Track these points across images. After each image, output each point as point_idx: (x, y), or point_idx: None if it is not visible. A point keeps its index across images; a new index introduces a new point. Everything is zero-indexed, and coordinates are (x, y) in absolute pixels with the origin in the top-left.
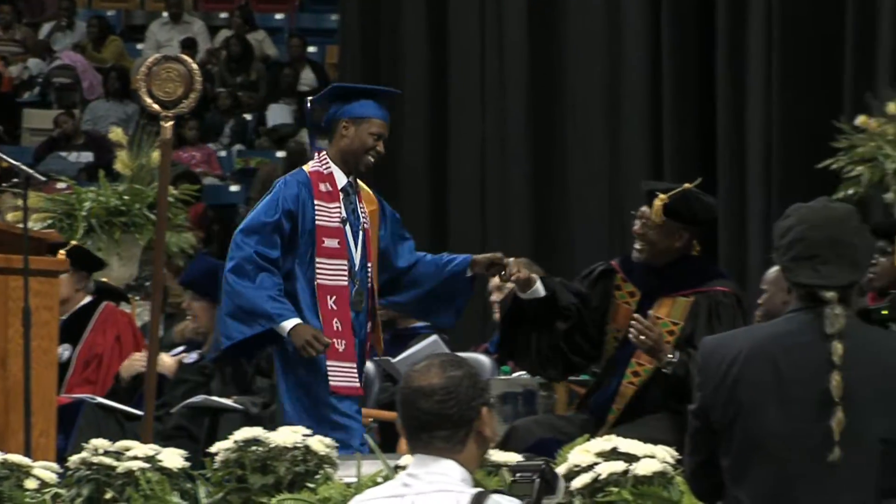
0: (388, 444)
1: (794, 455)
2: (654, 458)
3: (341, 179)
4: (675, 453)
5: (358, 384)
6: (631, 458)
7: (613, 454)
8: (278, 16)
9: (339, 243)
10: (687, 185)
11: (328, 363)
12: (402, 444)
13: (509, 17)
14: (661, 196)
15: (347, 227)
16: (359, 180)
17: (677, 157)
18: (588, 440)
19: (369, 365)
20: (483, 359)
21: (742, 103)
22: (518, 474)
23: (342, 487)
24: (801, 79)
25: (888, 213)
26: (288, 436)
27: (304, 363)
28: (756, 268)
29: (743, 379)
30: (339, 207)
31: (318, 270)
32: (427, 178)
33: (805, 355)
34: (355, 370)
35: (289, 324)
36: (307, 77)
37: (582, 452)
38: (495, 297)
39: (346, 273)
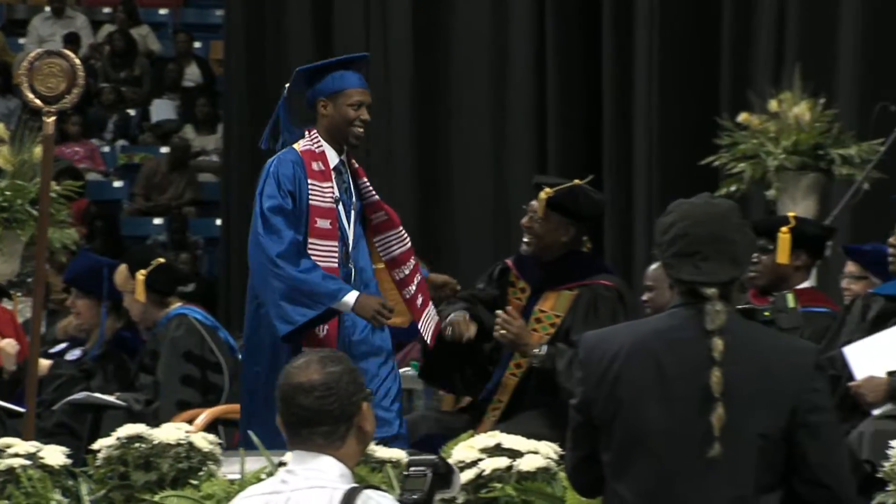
0: None
1: (674, 451)
2: (538, 453)
3: (333, 158)
4: (559, 449)
5: None
6: (515, 454)
7: (497, 450)
8: (162, 11)
9: (330, 224)
10: (577, 181)
11: (304, 350)
12: None
13: (394, 14)
14: (547, 189)
15: (340, 207)
16: (353, 161)
17: (562, 155)
18: (472, 436)
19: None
20: None
21: (628, 101)
22: (412, 468)
23: (225, 484)
24: (682, 77)
25: (770, 210)
26: (171, 432)
27: (271, 351)
28: (642, 264)
29: (624, 375)
30: (332, 187)
31: (309, 251)
32: None
33: (686, 351)
34: None
35: (351, 297)
36: (192, 72)
37: (466, 448)
38: None
39: (336, 255)
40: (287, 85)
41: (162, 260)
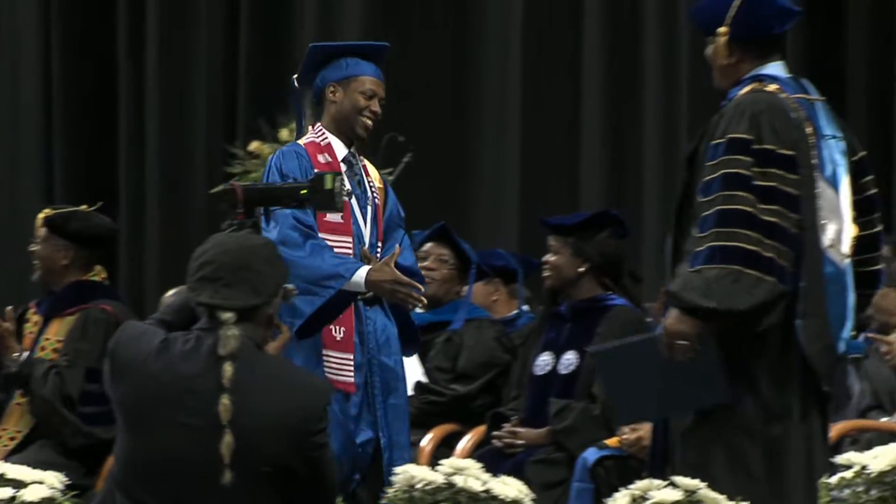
0: None
1: (185, 475)
2: (43, 483)
3: (341, 150)
4: (65, 478)
5: (352, 379)
6: (19, 485)
7: (1, 481)
8: None
9: (342, 217)
10: (84, 207)
11: (324, 352)
12: None
13: None
14: (46, 211)
15: (353, 201)
16: (363, 157)
17: (72, 181)
18: None
19: None
20: None
21: (140, 130)
22: None
23: None
24: (197, 109)
25: None
26: None
27: (306, 351)
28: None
29: (140, 394)
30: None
31: None
32: None
33: (200, 376)
34: (351, 362)
35: (361, 274)
36: None
37: None
38: None
39: (350, 251)
40: (295, 77)
41: None
